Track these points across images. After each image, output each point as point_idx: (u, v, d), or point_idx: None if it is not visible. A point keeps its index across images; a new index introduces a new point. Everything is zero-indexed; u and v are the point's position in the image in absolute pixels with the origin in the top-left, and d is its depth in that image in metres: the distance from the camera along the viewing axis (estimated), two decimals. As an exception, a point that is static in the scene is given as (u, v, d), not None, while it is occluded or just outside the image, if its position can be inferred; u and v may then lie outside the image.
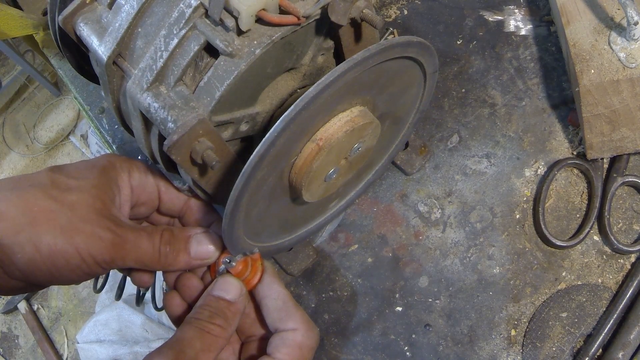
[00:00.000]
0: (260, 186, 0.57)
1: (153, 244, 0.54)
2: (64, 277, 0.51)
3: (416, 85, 0.69)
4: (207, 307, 0.53)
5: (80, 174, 0.54)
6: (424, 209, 0.86)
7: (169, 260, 0.55)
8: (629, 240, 0.78)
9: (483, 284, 0.80)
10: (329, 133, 0.58)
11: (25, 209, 0.49)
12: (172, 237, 0.56)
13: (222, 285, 0.55)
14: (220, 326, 0.52)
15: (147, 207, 0.60)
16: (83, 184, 0.52)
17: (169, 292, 0.60)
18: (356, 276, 0.85)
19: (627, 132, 0.76)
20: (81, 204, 0.51)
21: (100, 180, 0.54)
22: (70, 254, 0.49)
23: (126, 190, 0.57)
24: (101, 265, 0.51)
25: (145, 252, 0.54)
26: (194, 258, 0.57)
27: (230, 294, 0.54)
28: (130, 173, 0.58)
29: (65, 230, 0.49)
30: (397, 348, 0.80)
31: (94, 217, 0.51)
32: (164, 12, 0.57)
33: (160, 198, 0.61)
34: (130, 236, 0.53)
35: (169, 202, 0.61)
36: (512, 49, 0.91)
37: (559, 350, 0.76)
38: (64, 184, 0.52)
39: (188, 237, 0.57)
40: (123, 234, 0.52)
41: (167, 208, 0.62)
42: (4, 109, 2.86)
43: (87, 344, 1.85)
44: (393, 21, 0.98)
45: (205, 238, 0.58)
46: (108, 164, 0.57)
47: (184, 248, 0.57)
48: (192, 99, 0.55)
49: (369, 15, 0.57)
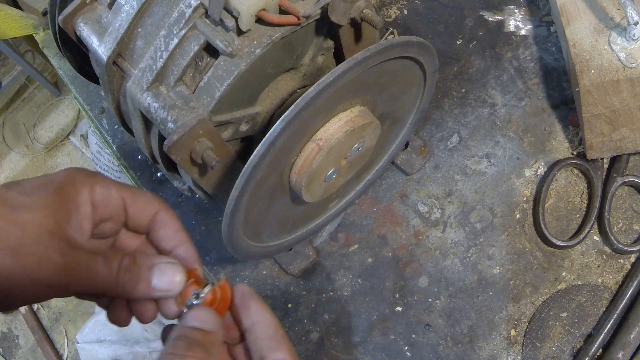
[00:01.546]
0: (260, 186, 0.57)
1: (110, 270, 0.51)
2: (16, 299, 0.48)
3: (416, 85, 0.69)
4: (182, 338, 0.49)
5: (35, 192, 0.50)
6: (424, 209, 0.86)
7: (127, 288, 0.52)
8: (629, 240, 0.78)
9: (483, 284, 0.80)
10: (329, 133, 0.58)
11: None
12: (132, 264, 0.52)
13: (195, 316, 0.51)
14: (200, 357, 0.48)
15: (113, 223, 0.56)
16: (36, 202, 0.49)
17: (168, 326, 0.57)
18: (356, 276, 0.85)
19: (627, 132, 0.76)
20: (32, 224, 0.47)
21: (55, 197, 0.50)
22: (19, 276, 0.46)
23: (85, 207, 0.53)
24: (52, 288, 0.48)
25: (101, 277, 0.50)
26: (154, 289, 0.53)
27: (206, 324, 0.51)
28: (92, 188, 0.54)
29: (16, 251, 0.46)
30: (397, 348, 0.80)
31: (45, 238, 0.47)
32: (164, 12, 0.57)
33: (127, 211, 0.56)
34: (83, 259, 0.49)
35: (136, 215, 0.56)
36: (512, 49, 0.91)
37: (559, 350, 0.76)
38: (15, 202, 0.48)
39: (150, 265, 0.53)
40: (77, 257, 0.48)
41: (135, 223, 0.57)
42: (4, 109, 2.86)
43: (87, 344, 1.85)
44: (393, 21, 0.98)
45: (169, 268, 0.54)
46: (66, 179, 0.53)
47: (144, 277, 0.52)
48: (192, 99, 0.55)
49: (369, 15, 0.57)
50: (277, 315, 0.85)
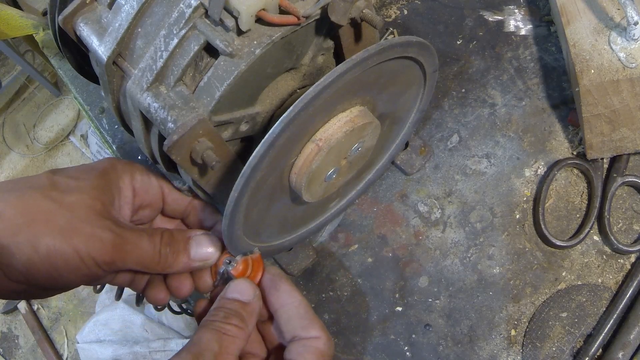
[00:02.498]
0: (260, 186, 0.57)
1: (153, 245, 0.54)
2: (64, 279, 0.50)
3: (416, 85, 0.69)
4: (221, 309, 0.53)
5: (80, 176, 0.53)
6: (424, 209, 0.86)
7: (169, 262, 0.55)
8: (629, 240, 0.78)
9: (483, 284, 0.80)
10: (329, 133, 0.58)
11: (23, 210, 0.48)
12: (171, 239, 0.56)
13: (236, 287, 0.55)
14: (237, 326, 0.51)
15: (151, 210, 0.60)
16: (82, 185, 0.52)
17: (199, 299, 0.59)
18: (356, 276, 0.85)
19: (627, 132, 0.76)
20: (80, 205, 0.50)
21: (100, 181, 0.54)
22: (69, 255, 0.49)
23: (127, 193, 0.57)
24: (101, 266, 0.51)
25: (145, 253, 0.53)
26: (193, 259, 0.56)
27: (244, 295, 0.54)
28: (133, 175, 0.58)
29: (64, 231, 0.49)
30: (397, 348, 0.80)
31: (93, 218, 0.50)
32: (164, 12, 0.57)
33: (164, 199, 0.60)
34: (130, 236, 0.52)
35: (173, 203, 0.61)
36: (512, 49, 0.91)
37: (559, 350, 0.76)
38: (63, 185, 0.51)
39: (188, 238, 0.57)
40: (123, 234, 0.52)
41: (172, 209, 0.61)
42: (4, 109, 2.86)
43: (87, 344, 1.85)
44: (393, 21, 0.98)
45: (205, 239, 0.58)
46: (109, 166, 0.56)
47: (183, 249, 0.56)
48: (192, 99, 0.55)
49: (369, 15, 0.57)
50: (277, 315, 0.85)
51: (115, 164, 0.58)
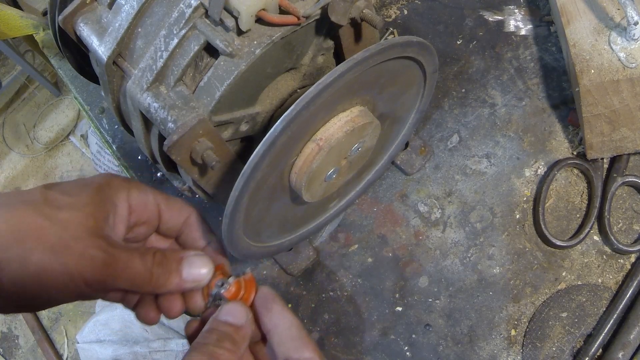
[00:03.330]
0: (260, 186, 0.57)
1: (145, 265, 0.53)
2: (53, 297, 0.49)
3: (416, 85, 0.69)
4: (214, 331, 0.52)
5: (74, 192, 0.52)
6: (424, 209, 0.86)
7: (161, 282, 0.54)
8: (629, 240, 0.78)
9: (483, 284, 0.80)
10: (329, 133, 0.58)
11: (14, 225, 0.47)
12: (164, 259, 0.54)
13: (228, 310, 0.54)
14: (229, 350, 0.50)
15: (147, 227, 0.59)
16: (76, 202, 0.51)
17: (191, 320, 0.59)
18: (356, 276, 0.85)
19: (627, 132, 0.76)
20: (73, 222, 0.49)
21: (94, 198, 0.52)
22: (58, 273, 0.47)
23: (123, 210, 0.55)
24: (91, 285, 0.49)
25: (137, 272, 0.52)
26: (185, 280, 0.55)
27: (237, 319, 0.53)
28: (129, 191, 0.56)
29: (55, 249, 0.47)
30: (397, 348, 0.80)
31: (85, 236, 0.49)
32: (164, 12, 0.57)
33: (161, 217, 0.59)
34: (122, 256, 0.51)
35: (170, 220, 0.59)
36: (512, 49, 0.91)
37: (559, 350, 0.76)
38: (56, 201, 0.50)
39: (180, 258, 0.56)
40: (115, 254, 0.50)
41: (167, 227, 0.60)
42: (4, 109, 2.86)
43: (87, 344, 1.84)
44: (393, 21, 0.98)
45: (197, 260, 0.56)
46: (104, 182, 0.55)
47: (175, 270, 0.55)
48: (192, 99, 0.55)
49: (369, 15, 0.57)
50: (277, 315, 0.85)
51: (111, 180, 0.56)
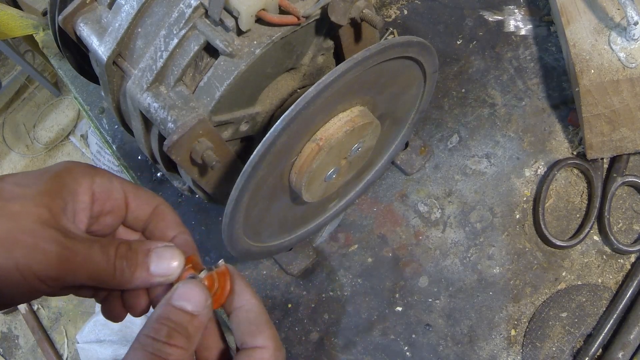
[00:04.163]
0: (260, 186, 0.57)
1: (107, 258, 0.48)
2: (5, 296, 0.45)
3: (416, 85, 0.69)
4: (165, 321, 0.46)
5: (29, 181, 0.48)
6: (424, 209, 0.86)
7: (126, 277, 0.49)
8: (629, 240, 0.78)
9: (483, 284, 0.80)
10: (329, 133, 0.58)
11: None
12: (129, 251, 0.49)
13: (184, 292, 0.47)
14: (181, 347, 0.45)
15: (114, 217, 0.54)
16: (29, 192, 0.47)
17: None
18: (356, 276, 0.85)
19: (627, 132, 0.76)
20: (24, 214, 0.45)
21: (50, 186, 0.48)
22: (7, 270, 0.44)
23: (84, 197, 0.51)
24: (45, 282, 0.45)
25: (97, 266, 0.47)
26: (153, 274, 0.50)
27: (194, 304, 0.47)
28: (93, 178, 0.51)
29: (3, 243, 0.44)
30: (397, 348, 0.80)
31: (37, 228, 0.45)
32: (164, 12, 0.57)
33: (128, 205, 0.54)
34: (80, 248, 0.46)
35: (137, 209, 0.54)
36: (512, 49, 0.91)
37: (559, 350, 0.76)
38: (7, 193, 0.46)
39: (147, 250, 0.50)
40: (71, 246, 0.46)
41: (135, 217, 0.55)
42: (4, 109, 2.86)
43: (87, 344, 1.85)
44: (393, 21, 0.98)
45: (167, 252, 0.51)
46: (64, 169, 0.50)
47: (142, 262, 0.50)
48: (192, 99, 0.55)
49: (369, 15, 0.57)
50: (277, 315, 0.85)
51: (71, 167, 0.51)
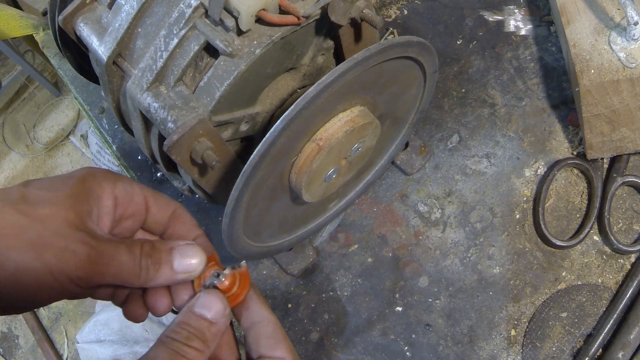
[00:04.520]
0: (260, 186, 0.57)
1: (133, 257, 0.50)
2: (35, 298, 0.47)
3: (416, 85, 0.69)
4: (185, 325, 0.49)
5: (55, 186, 0.50)
6: (424, 209, 0.86)
7: (150, 275, 0.51)
8: (629, 240, 0.78)
9: (483, 284, 0.80)
10: (329, 133, 0.58)
11: None
12: (153, 250, 0.52)
13: (205, 301, 0.51)
14: (198, 349, 0.48)
15: (134, 221, 0.56)
16: (56, 196, 0.48)
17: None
18: (356, 276, 0.85)
19: (627, 132, 0.76)
20: (53, 217, 0.47)
21: (75, 190, 0.50)
22: (40, 272, 0.45)
23: (108, 202, 0.53)
24: (76, 283, 0.47)
25: (124, 266, 0.49)
26: (176, 271, 0.52)
27: (213, 313, 0.50)
28: (115, 183, 0.54)
29: (35, 246, 0.45)
30: (397, 348, 0.80)
31: (67, 231, 0.47)
32: (164, 12, 0.57)
33: (148, 209, 0.56)
34: (107, 249, 0.49)
35: (157, 213, 0.56)
36: (512, 49, 0.91)
37: (559, 350, 0.76)
38: (35, 197, 0.48)
39: (170, 248, 0.53)
40: (99, 247, 0.48)
41: (154, 221, 0.57)
42: (4, 109, 2.86)
43: (87, 344, 1.84)
44: (393, 21, 0.98)
45: (189, 250, 0.53)
46: (87, 174, 0.52)
47: (166, 260, 0.52)
48: (192, 99, 0.55)
49: (369, 15, 0.57)
50: (277, 315, 0.85)
51: (94, 172, 0.53)
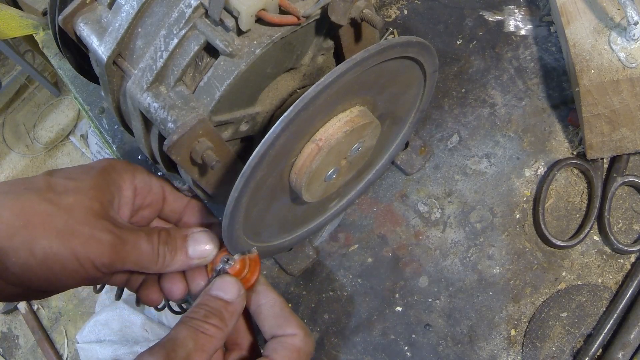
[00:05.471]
0: (260, 186, 0.57)
1: (152, 245, 0.53)
2: (61, 282, 0.50)
3: (416, 85, 0.69)
4: (203, 306, 0.52)
5: (78, 176, 0.53)
6: (424, 209, 0.86)
7: (167, 261, 0.55)
8: (629, 240, 0.78)
9: (483, 284, 0.80)
10: (329, 133, 0.58)
11: (20, 212, 0.48)
12: (169, 237, 0.55)
13: (221, 284, 0.54)
14: (216, 326, 0.51)
15: (152, 210, 0.59)
16: (80, 186, 0.51)
17: None
18: (356, 276, 0.85)
19: (627, 132, 0.76)
20: (78, 206, 0.50)
21: (98, 181, 0.53)
22: (66, 258, 0.48)
23: (128, 192, 0.56)
24: (100, 269, 0.50)
25: (144, 253, 0.53)
26: (191, 257, 0.56)
27: (229, 294, 0.53)
28: (134, 174, 0.57)
29: (61, 234, 0.48)
30: (397, 348, 0.80)
31: (91, 219, 0.50)
32: (164, 12, 0.57)
33: (165, 199, 0.60)
34: (129, 237, 0.52)
35: (174, 202, 0.60)
36: (512, 49, 0.91)
37: (559, 350, 0.76)
38: (60, 187, 0.51)
39: (185, 236, 0.57)
40: (122, 235, 0.51)
41: (171, 209, 0.61)
42: (4, 109, 2.86)
43: (87, 344, 1.85)
44: (393, 21, 0.98)
45: (203, 236, 0.57)
46: (108, 165, 0.56)
47: (181, 247, 0.56)
48: (192, 99, 0.55)
49: (369, 15, 0.57)
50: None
51: (114, 164, 0.57)
